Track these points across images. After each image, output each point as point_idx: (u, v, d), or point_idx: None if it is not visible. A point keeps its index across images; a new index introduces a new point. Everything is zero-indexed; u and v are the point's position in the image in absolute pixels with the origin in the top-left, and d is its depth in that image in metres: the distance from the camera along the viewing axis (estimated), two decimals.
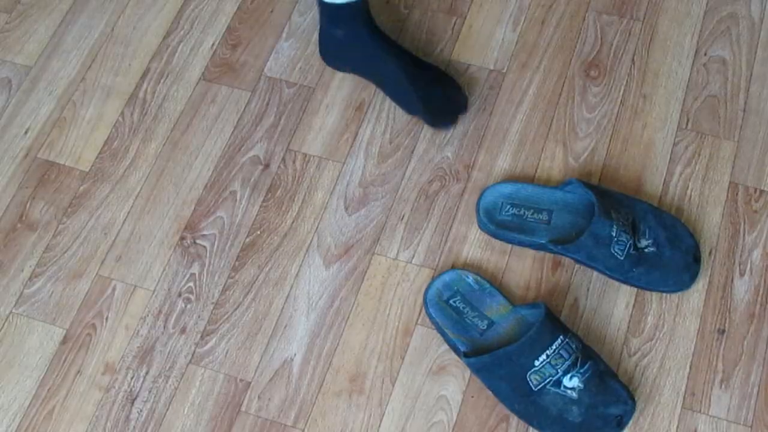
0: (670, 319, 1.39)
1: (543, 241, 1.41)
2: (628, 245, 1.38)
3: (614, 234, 1.37)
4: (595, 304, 1.41)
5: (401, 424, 1.34)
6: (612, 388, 1.30)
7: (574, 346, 1.30)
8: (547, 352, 1.29)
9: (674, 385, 1.35)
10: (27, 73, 1.65)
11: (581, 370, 1.29)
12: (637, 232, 1.40)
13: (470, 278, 1.41)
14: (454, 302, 1.39)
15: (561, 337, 1.30)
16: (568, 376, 1.29)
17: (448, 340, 1.36)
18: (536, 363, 1.29)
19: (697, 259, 1.41)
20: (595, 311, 1.40)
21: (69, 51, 1.67)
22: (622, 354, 1.37)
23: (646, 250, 1.39)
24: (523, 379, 1.29)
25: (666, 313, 1.40)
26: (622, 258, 1.38)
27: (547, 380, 1.29)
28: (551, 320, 1.32)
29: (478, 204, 1.46)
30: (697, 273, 1.41)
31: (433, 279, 1.42)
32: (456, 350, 1.35)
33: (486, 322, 1.37)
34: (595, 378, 1.29)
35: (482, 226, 1.45)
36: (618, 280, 1.41)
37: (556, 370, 1.29)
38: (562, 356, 1.29)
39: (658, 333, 1.39)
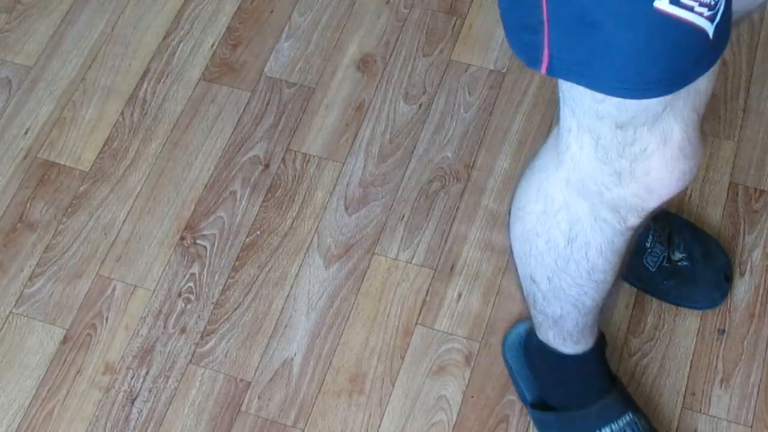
0: (670, 319, 1.39)
1: None
2: (661, 257, 1.35)
3: (649, 245, 1.35)
4: None
5: (401, 424, 1.34)
6: None
7: (641, 427, 1.24)
8: (612, 426, 1.23)
9: (674, 385, 1.35)
10: (27, 73, 1.65)
11: None
12: (672, 243, 1.37)
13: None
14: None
15: (630, 414, 1.24)
16: None
17: (517, 387, 1.33)
18: None
19: (728, 278, 1.39)
20: None
21: (69, 51, 1.67)
22: (622, 354, 1.37)
23: (679, 264, 1.36)
24: None
25: (666, 313, 1.40)
26: (653, 270, 1.36)
27: None
28: (623, 393, 1.26)
29: None
30: (727, 292, 1.39)
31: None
32: (523, 398, 1.32)
33: None
34: None
35: None
36: (647, 292, 1.38)
37: None
38: None
39: (658, 333, 1.38)
